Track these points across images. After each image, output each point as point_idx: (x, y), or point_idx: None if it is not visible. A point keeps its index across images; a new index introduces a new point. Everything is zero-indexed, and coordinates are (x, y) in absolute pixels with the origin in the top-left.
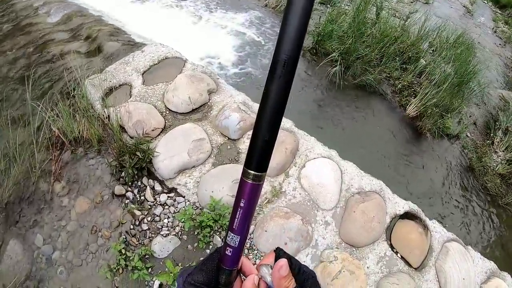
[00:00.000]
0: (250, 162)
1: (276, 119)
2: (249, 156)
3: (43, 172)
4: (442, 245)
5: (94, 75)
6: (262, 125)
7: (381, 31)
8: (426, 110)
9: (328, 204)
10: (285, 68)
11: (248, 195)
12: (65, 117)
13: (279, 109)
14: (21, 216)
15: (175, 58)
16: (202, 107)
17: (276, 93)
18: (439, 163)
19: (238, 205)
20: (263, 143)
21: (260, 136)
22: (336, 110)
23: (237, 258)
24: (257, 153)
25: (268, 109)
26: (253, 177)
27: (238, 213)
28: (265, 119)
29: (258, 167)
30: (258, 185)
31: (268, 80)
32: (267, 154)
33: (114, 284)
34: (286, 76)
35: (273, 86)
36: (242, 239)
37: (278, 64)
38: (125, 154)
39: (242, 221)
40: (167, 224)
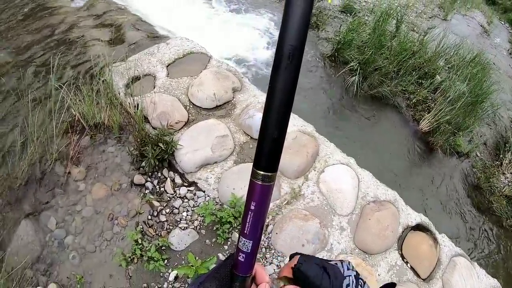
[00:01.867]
0: (259, 162)
1: (284, 116)
2: (258, 156)
3: (60, 155)
4: (450, 259)
5: (119, 63)
6: (269, 123)
7: (400, 45)
8: (439, 126)
9: (345, 210)
10: (290, 60)
11: (258, 197)
12: (87, 102)
13: (287, 104)
14: (35, 197)
15: (200, 53)
16: (226, 104)
17: (282, 88)
18: (448, 179)
19: (249, 208)
20: (272, 142)
21: (268, 134)
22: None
23: (250, 264)
24: (266, 152)
25: (275, 105)
26: (263, 177)
27: (249, 217)
28: (272, 116)
29: (268, 167)
30: (269, 186)
31: (273, 74)
32: (277, 152)
33: (128, 273)
34: (292, 69)
35: (278, 80)
36: (255, 244)
37: (283, 56)
38: (147, 144)
39: (253, 225)
40: (186, 217)
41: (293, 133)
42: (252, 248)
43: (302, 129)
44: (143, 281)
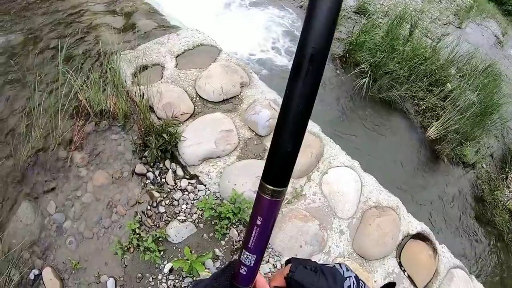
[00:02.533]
0: (269, 175)
1: (301, 126)
2: (268, 169)
3: (64, 140)
4: (448, 271)
5: (128, 51)
6: (283, 134)
7: (413, 50)
8: (447, 135)
9: (346, 213)
10: (312, 63)
11: (266, 213)
12: (94, 88)
13: (305, 114)
14: (36, 181)
15: (210, 46)
16: (233, 98)
17: (301, 95)
18: (452, 189)
19: (255, 222)
20: (285, 154)
21: (282, 146)
22: (359, 121)
23: (252, 277)
24: (277, 166)
25: (292, 114)
26: (272, 192)
27: (254, 232)
28: (287, 126)
29: (278, 182)
30: (277, 202)
31: (292, 79)
32: (289, 167)
33: (124, 262)
34: (314, 74)
35: (297, 86)
36: (258, 258)
37: (304, 59)
38: (151, 134)
39: (258, 240)
40: (185, 210)
41: None
42: (255, 262)
43: (308, 129)
44: (138, 271)
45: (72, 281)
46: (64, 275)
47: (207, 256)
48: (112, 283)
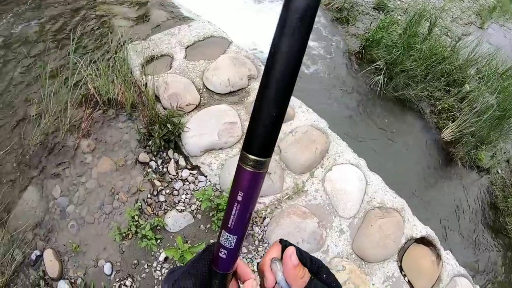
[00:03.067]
0: (251, 144)
1: (287, 89)
2: (250, 137)
3: (72, 126)
4: (451, 279)
5: (138, 41)
6: (268, 97)
7: (431, 48)
8: (462, 137)
9: (347, 212)
10: (301, 19)
11: (248, 187)
12: (103, 77)
13: (292, 75)
14: (44, 165)
15: (220, 38)
16: (239, 91)
17: (288, 54)
18: (464, 193)
19: (235, 198)
20: (269, 120)
21: (265, 111)
22: (371, 119)
23: (232, 261)
24: (260, 133)
25: (277, 75)
26: (254, 163)
27: (235, 209)
28: (272, 88)
29: (261, 151)
30: (260, 174)
31: (278, 36)
32: (273, 134)
33: (121, 248)
34: (303, 31)
35: (284, 44)
36: (239, 239)
37: (292, 15)
38: (155, 124)
39: (239, 219)
40: (184, 200)
41: (304, 127)
42: (236, 244)
43: (315, 124)
44: (134, 258)
45: (71, 263)
46: (64, 257)
47: (199, 246)
48: (109, 267)
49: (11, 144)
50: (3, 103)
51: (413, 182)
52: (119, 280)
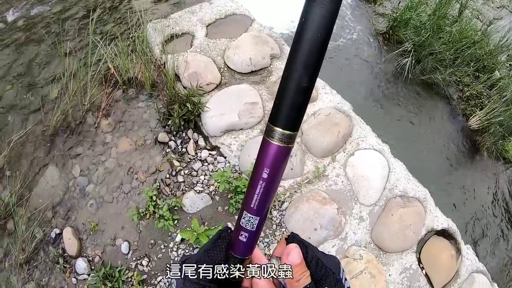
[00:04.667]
0: (279, 116)
1: (317, 59)
2: (278, 108)
3: (92, 106)
4: (469, 274)
5: (158, 19)
6: (297, 66)
7: (461, 31)
8: (490, 126)
9: (368, 199)
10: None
11: (274, 163)
12: (123, 56)
13: (323, 44)
14: (64, 145)
15: (243, 15)
16: (261, 70)
17: (320, 21)
18: (488, 185)
19: (260, 175)
20: (299, 91)
21: (295, 81)
22: (397, 103)
23: (252, 245)
24: (288, 105)
25: (309, 43)
26: (281, 137)
27: (259, 188)
28: (303, 57)
29: (289, 123)
30: (287, 149)
31: (308, 4)
32: (303, 105)
33: (139, 227)
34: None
35: (315, 12)
36: (261, 221)
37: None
38: (175, 103)
39: (263, 198)
40: (203, 181)
41: (327, 109)
42: (257, 226)
43: (338, 107)
44: (151, 238)
45: (90, 241)
46: (83, 235)
47: (215, 229)
48: (126, 246)
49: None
50: (24, 83)
51: (437, 171)
52: (136, 260)
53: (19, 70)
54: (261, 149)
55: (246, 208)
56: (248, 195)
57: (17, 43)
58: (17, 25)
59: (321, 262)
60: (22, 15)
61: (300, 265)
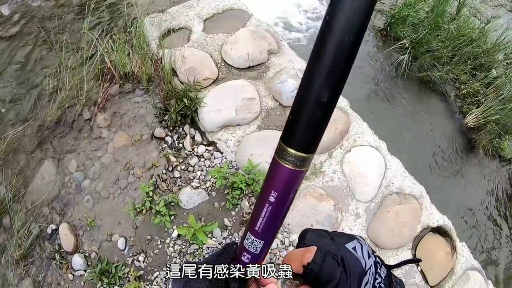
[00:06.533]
0: (292, 135)
1: (343, 68)
2: (291, 126)
3: (89, 101)
4: (464, 271)
5: (155, 14)
6: (317, 77)
7: (458, 29)
8: (486, 124)
9: (364, 196)
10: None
11: (283, 187)
12: (119, 51)
13: (350, 52)
14: (60, 140)
15: (240, 10)
16: (259, 66)
17: (347, 23)
18: (483, 182)
19: (266, 198)
20: (318, 106)
21: (313, 94)
22: (394, 99)
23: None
24: (304, 122)
25: (331, 50)
26: (294, 159)
27: (265, 211)
28: (323, 66)
29: (304, 145)
30: (300, 173)
31: (334, 2)
32: (322, 125)
33: (135, 223)
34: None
35: (343, 9)
36: (266, 245)
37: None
38: (172, 98)
39: (269, 223)
40: (199, 176)
41: None
42: (261, 249)
43: None
44: (148, 233)
45: (86, 237)
46: (79, 231)
47: (212, 226)
48: (123, 242)
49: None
50: (20, 77)
51: (433, 167)
52: (132, 255)
53: (15, 65)
54: (270, 169)
55: (251, 230)
56: (253, 216)
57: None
58: (13, 19)
59: (317, 275)
60: (17, 9)
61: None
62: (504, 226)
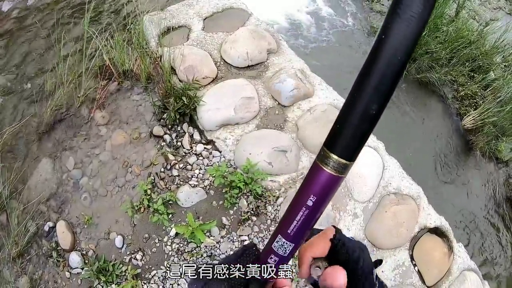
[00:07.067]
0: (337, 142)
1: (392, 85)
2: (337, 134)
3: (87, 98)
4: (460, 272)
5: (155, 12)
6: (368, 91)
7: (457, 31)
8: (483, 126)
9: (362, 196)
10: None
11: (323, 191)
12: (118, 48)
13: (400, 70)
14: (58, 137)
15: (240, 9)
16: (258, 65)
17: (400, 44)
18: (480, 184)
19: (304, 202)
20: (365, 118)
21: (362, 107)
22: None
23: (279, 268)
24: (351, 132)
25: (383, 68)
26: (336, 165)
27: (301, 214)
28: (374, 81)
29: (348, 152)
30: (339, 179)
31: (392, 18)
32: (365, 135)
33: (133, 221)
34: (424, 13)
35: (398, 31)
36: (295, 248)
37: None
38: (170, 97)
39: (303, 226)
40: (198, 175)
41: (323, 105)
42: (290, 252)
43: (334, 103)
44: (146, 232)
45: (83, 235)
46: (77, 229)
47: (210, 224)
48: (120, 240)
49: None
50: (18, 74)
51: (430, 168)
52: (130, 254)
53: (13, 61)
54: (310, 173)
55: (282, 233)
56: (286, 219)
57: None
58: (12, 15)
59: (345, 248)
60: (17, 5)
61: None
62: (501, 227)
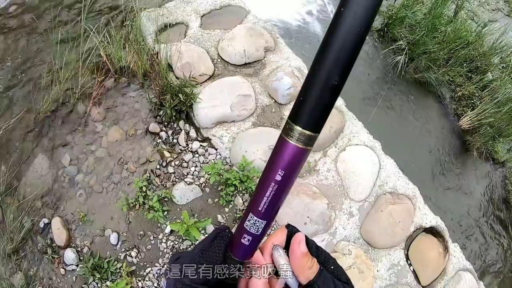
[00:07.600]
0: (300, 113)
1: (352, 56)
2: (300, 106)
3: (83, 95)
4: (456, 272)
5: (152, 8)
6: (328, 62)
7: (455, 32)
8: (480, 127)
9: (358, 195)
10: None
11: (290, 164)
12: (115, 45)
13: (359, 42)
14: (54, 133)
15: (238, 7)
16: (255, 63)
17: (360, 16)
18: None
19: (272, 177)
20: (327, 89)
21: (323, 77)
22: (389, 99)
23: (254, 248)
24: (313, 102)
25: (343, 39)
26: (302, 137)
27: (270, 190)
28: (334, 52)
29: (311, 123)
30: (306, 152)
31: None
32: (328, 106)
33: (128, 218)
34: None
35: (358, 3)
36: (267, 225)
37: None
38: (167, 94)
39: (273, 202)
40: (193, 172)
41: None
42: (263, 230)
43: None
44: (141, 229)
45: (79, 232)
46: (72, 225)
47: (205, 222)
48: (115, 237)
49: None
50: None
51: (427, 168)
52: (125, 251)
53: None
54: (276, 148)
55: (253, 211)
56: (256, 197)
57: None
58: (9, 11)
59: (320, 249)
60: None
61: (308, 254)
62: (497, 228)
